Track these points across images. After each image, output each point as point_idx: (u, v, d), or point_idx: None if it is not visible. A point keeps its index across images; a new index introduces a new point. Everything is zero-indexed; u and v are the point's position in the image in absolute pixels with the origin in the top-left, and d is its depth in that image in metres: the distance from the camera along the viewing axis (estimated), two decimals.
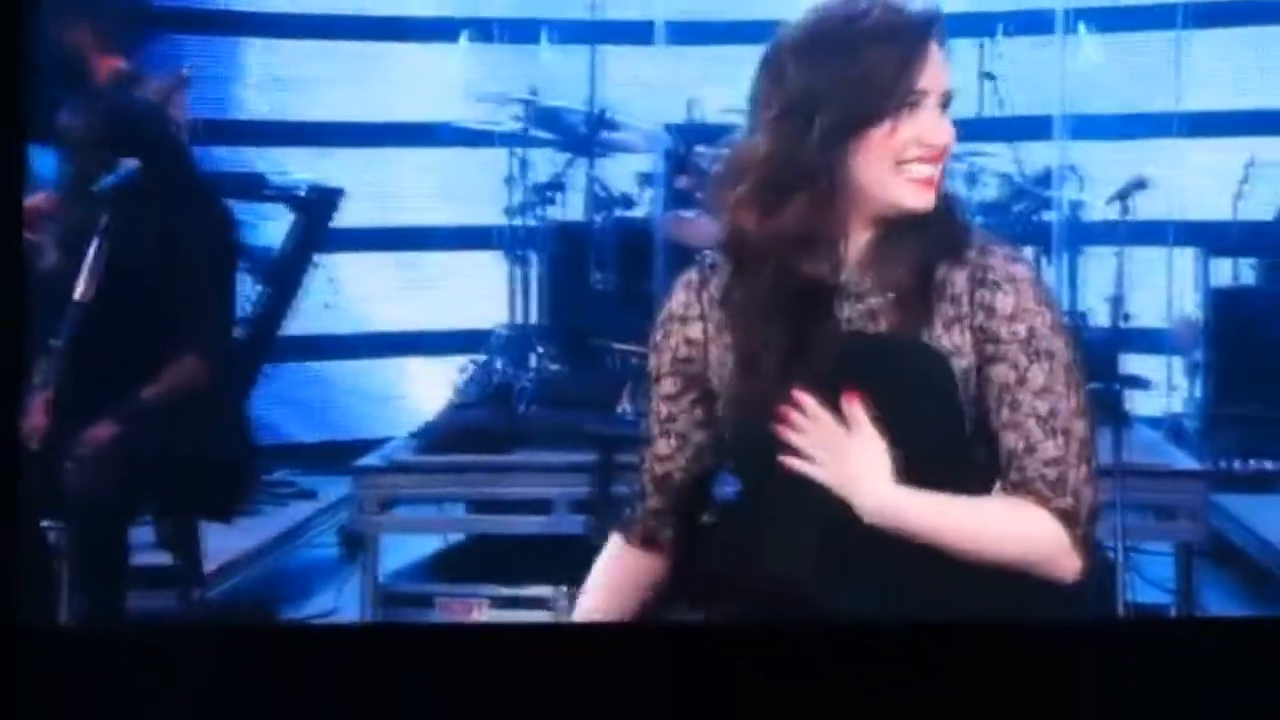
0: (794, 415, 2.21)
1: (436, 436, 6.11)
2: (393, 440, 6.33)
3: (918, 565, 2.20)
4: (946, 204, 2.26)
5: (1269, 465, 6.47)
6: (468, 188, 7.48)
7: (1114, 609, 5.08)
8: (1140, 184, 5.58)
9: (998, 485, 2.25)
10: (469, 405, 6.49)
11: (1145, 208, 6.51)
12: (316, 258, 6.96)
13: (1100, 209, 6.52)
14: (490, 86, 7.03)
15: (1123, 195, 6.01)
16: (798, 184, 2.19)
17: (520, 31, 7.57)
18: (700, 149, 6.33)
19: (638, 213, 6.61)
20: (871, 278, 2.24)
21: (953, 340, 2.21)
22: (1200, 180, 7.09)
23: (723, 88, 6.83)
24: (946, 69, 2.23)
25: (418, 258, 7.84)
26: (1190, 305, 7.05)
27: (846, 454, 2.19)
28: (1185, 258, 7.10)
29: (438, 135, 7.51)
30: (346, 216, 6.88)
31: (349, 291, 7.65)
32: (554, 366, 6.43)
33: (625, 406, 6.03)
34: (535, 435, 6.01)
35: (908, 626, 2.23)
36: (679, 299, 2.36)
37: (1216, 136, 7.27)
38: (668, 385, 2.37)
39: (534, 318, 6.79)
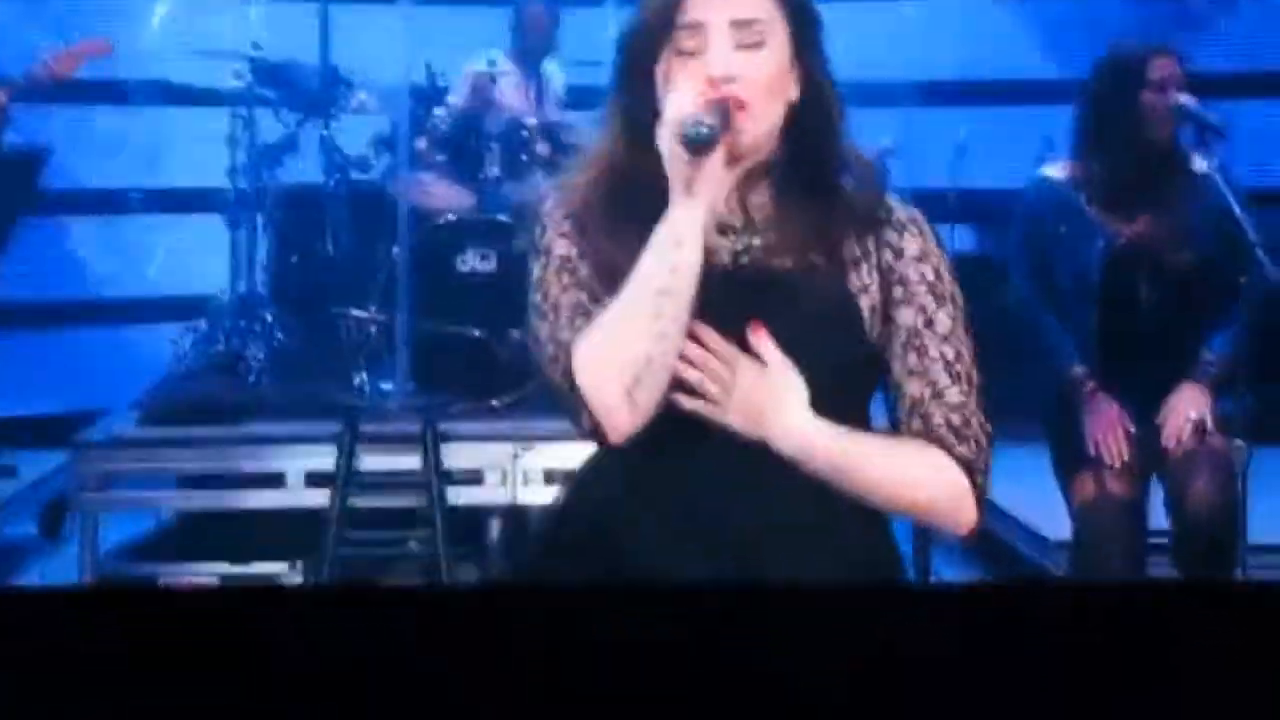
0: (694, 350, 2.05)
1: (159, 408, 5.82)
2: (110, 413, 6.00)
3: (766, 525, 2.09)
4: (818, 142, 2.14)
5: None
6: (186, 148, 7.15)
7: None
8: (889, 151, 5.64)
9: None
10: (194, 375, 6.20)
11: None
12: (20, 220, 6.59)
13: None
14: (211, 41, 6.70)
15: None
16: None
17: None
18: (439, 111, 6.17)
19: (373, 176, 6.39)
20: (758, 214, 2.13)
21: (861, 279, 2.13)
22: (921, 148, 7.22)
23: (463, 49, 6.70)
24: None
25: (130, 220, 7.48)
26: None
27: (757, 387, 2.04)
28: None
29: (151, 92, 7.18)
30: (56, 177, 6.48)
31: (54, 256, 7.26)
32: (283, 335, 6.17)
33: (363, 376, 5.86)
34: (267, 406, 5.78)
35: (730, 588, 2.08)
36: (555, 207, 2.17)
37: (935, 106, 7.43)
38: (564, 278, 2.14)
39: (260, 284, 6.49)
